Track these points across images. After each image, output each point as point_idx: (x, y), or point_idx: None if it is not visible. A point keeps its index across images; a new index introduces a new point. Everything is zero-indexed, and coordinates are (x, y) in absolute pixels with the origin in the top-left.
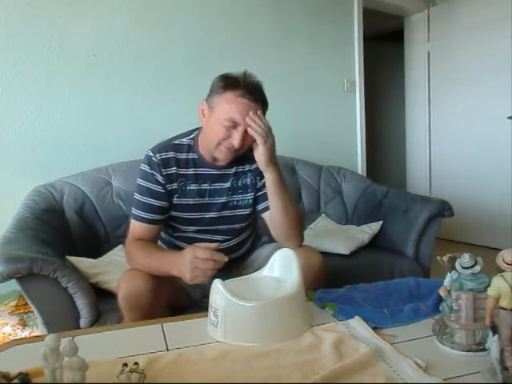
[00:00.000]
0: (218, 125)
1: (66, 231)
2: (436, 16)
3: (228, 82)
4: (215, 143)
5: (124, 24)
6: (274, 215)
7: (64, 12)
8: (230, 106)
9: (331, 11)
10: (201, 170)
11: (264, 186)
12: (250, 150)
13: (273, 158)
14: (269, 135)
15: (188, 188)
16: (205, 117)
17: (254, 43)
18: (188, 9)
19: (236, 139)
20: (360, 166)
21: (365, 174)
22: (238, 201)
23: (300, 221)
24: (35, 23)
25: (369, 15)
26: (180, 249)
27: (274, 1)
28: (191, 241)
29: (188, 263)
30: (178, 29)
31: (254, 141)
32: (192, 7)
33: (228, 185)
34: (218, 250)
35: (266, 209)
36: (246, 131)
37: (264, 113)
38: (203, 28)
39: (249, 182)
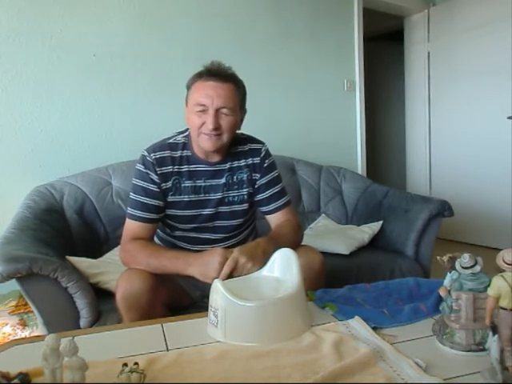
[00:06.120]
0: (191, 115)
1: (66, 231)
2: (436, 16)
3: (195, 75)
4: (196, 133)
5: (124, 24)
6: None
7: (64, 12)
8: (197, 92)
9: (331, 11)
10: (194, 167)
11: (268, 186)
12: (246, 144)
13: (258, 256)
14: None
15: (182, 185)
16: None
17: (254, 43)
18: (188, 9)
19: (209, 121)
20: (360, 166)
21: (365, 174)
22: (233, 197)
23: (301, 233)
24: (35, 23)
25: (369, 15)
26: (180, 248)
27: (275, 1)
28: (191, 240)
29: (219, 262)
30: (178, 29)
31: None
32: (192, 7)
33: (223, 181)
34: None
35: (272, 212)
36: (217, 111)
37: (242, 92)
38: (203, 28)
39: (245, 178)
